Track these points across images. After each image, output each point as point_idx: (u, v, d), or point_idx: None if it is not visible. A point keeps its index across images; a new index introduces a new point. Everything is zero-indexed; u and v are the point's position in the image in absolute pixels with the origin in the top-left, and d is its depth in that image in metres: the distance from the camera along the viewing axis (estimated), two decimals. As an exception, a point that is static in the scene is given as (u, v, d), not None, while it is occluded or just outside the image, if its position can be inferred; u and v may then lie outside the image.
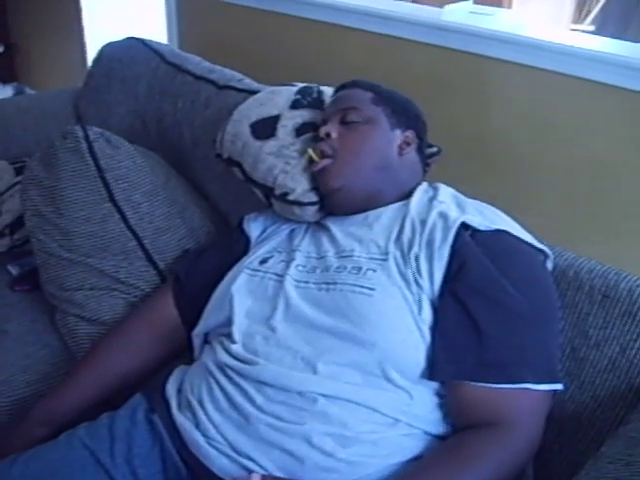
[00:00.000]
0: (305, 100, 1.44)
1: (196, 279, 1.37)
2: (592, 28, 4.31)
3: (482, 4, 2.34)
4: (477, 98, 2.08)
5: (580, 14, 4.52)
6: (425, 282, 1.06)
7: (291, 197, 1.32)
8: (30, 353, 1.48)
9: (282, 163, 1.36)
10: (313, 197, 1.32)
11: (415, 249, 1.10)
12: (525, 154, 2.03)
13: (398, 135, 1.30)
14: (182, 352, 1.35)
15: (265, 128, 1.41)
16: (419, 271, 1.08)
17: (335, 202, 1.27)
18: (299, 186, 1.32)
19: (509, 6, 3.68)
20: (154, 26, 3.28)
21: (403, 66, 2.22)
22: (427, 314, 1.05)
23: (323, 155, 1.27)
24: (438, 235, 1.10)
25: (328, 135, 1.27)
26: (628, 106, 1.80)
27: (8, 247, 1.80)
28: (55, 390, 1.33)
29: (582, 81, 1.85)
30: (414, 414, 1.03)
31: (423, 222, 1.14)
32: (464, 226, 1.10)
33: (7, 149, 2.10)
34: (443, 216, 1.13)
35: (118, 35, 2.17)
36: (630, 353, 1.11)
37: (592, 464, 0.94)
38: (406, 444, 1.02)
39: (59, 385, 1.34)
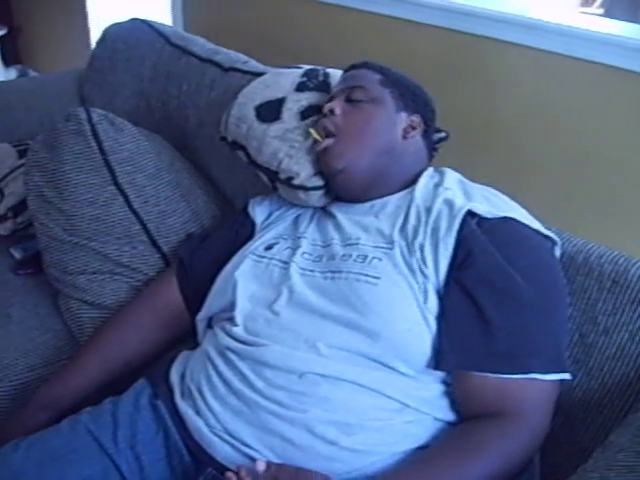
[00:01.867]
0: (311, 83, 1.42)
1: (200, 263, 1.36)
2: (601, 11, 4.26)
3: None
4: (485, 81, 2.06)
5: (588, -3, 4.48)
6: (430, 271, 1.05)
7: (296, 182, 1.30)
8: (33, 337, 1.48)
9: (287, 147, 1.34)
10: (318, 181, 1.30)
11: (420, 238, 1.08)
12: (534, 137, 2.01)
13: (403, 118, 1.28)
14: (186, 337, 1.35)
15: (270, 111, 1.39)
16: (424, 260, 1.06)
17: (338, 183, 1.25)
18: (304, 170, 1.30)
19: (517, -12, 3.65)
20: (158, 7, 3.26)
21: (411, 48, 2.20)
22: (433, 303, 1.04)
23: (326, 133, 1.25)
24: (443, 223, 1.08)
25: (332, 112, 1.25)
26: (639, 89, 1.77)
27: (11, 230, 1.79)
28: (59, 374, 1.32)
29: (592, 64, 1.83)
30: (422, 398, 1.02)
31: (428, 210, 1.12)
32: (470, 214, 1.09)
33: (10, 132, 2.09)
34: (449, 204, 1.11)
35: (122, 16, 2.15)
36: (640, 340, 1.10)
37: (601, 452, 0.93)
38: (412, 432, 1.01)
39: (63, 369, 1.33)
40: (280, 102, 1.39)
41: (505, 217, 1.10)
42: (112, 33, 2.03)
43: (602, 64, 1.81)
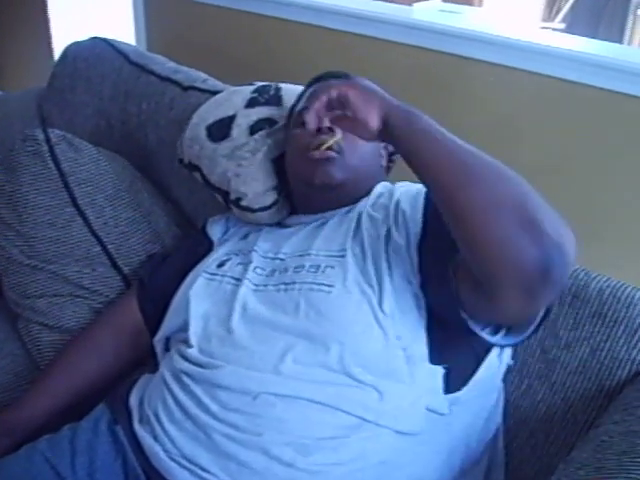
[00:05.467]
0: (262, 98, 1.41)
1: (160, 283, 1.35)
2: (562, 26, 4.34)
3: (451, 2, 2.33)
4: (447, 96, 2.07)
5: (550, 12, 4.55)
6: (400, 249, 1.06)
7: (243, 203, 1.32)
8: (-9, 363, 1.44)
9: (234, 165, 1.34)
10: (266, 200, 1.31)
11: (380, 244, 1.09)
12: (498, 153, 2.01)
13: (381, 148, 1.31)
14: (149, 358, 1.33)
15: (220, 129, 1.38)
16: (380, 264, 1.06)
17: (322, 196, 1.23)
18: (250, 190, 1.31)
19: (480, 4, 3.71)
20: (122, 26, 3.24)
21: (374, 65, 2.20)
22: (389, 305, 1.03)
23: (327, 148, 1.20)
24: (407, 207, 1.10)
25: (331, 130, 1.20)
26: (599, 104, 1.80)
27: (-31, 253, 1.76)
28: (20, 399, 1.30)
29: (553, 79, 1.85)
30: (382, 410, 1.00)
31: (385, 207, 1.14)
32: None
33: (-31, 152, 2.05)
34: (406, 192, 1.15)
35: (86, 35, 2.13)
36: (600, 354, 1.11)
37: (563, 469, 0.93)
38: (369, 448, 0.99)
39: (25, 394, 1.32)
40: (231, 119, 1.39)
41: None
42: (72, 52, 2.01)
43: (562, 79, 1.83)
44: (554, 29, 4.15)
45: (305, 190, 1.26)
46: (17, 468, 1.09)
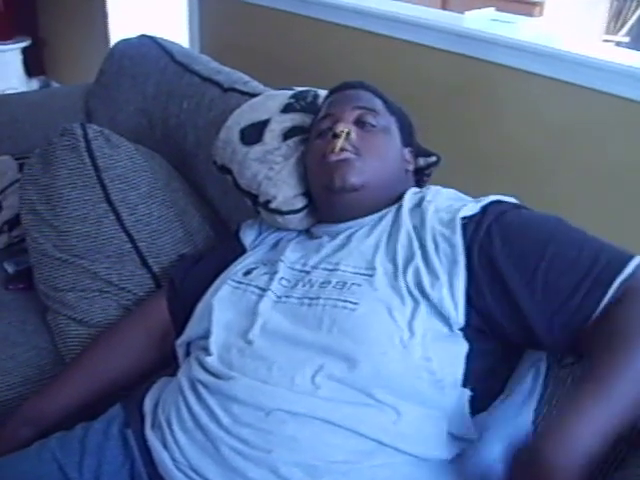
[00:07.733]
0: (298, 104, 1.39)
1: (190, 286, 1.33)
2: (627, 40, 4.21)
3: (508, 12, 2.28)
4: (495, 108, 2.02)
5: (615, 25, 4.42)
6: (436, 292, 1.01)
7: (273, 205, 1.29)
8: (15, 355, 1.45)
9: (266, 169, 1.32)
10: (296, 204, 1.28)
11: (417, 262, 1.04)
12: (544, 167, 1.96)
13: (406, 153, 1.28)
14: (174, 359, 1.32)
15: (253, 133, 1.37)
16: (419, 283, 1.02)
17: (344, 201, 1.19)
18: (280, 193, 1.28)
19: (540, 14, 3.62)
20: (177, 24, 3.27)
21: (423, 72, 2.18)
22: (421, 326, 0.99)
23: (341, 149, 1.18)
24: (444, 229, 1.07)
25: (347, 134, 1.19)
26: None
27: (5, 244, 1.78)
28: (45, 389, 1.31)
29: (610, 96, 1.78)
30: (400, 433, 0.96)
31: (421, 237, 1.08)
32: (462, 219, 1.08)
33: (16, 144, 2.09)
34: (436, 208, 1.11)
35: (142, 32, 2.13)
36: (635, 388, 1.05)
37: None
38: (380, 476, 0.95)
39: (49, 385, 1.32)
40: (264, 124, 1.37)
41: (491, 202, 1.11)
42: (120, 49, 2.03)
43: (620, 97, 1.77)
44: (617, 43, 4.03)
45: (327, 197, 1.22)
46: (27, 465, 1.09)
